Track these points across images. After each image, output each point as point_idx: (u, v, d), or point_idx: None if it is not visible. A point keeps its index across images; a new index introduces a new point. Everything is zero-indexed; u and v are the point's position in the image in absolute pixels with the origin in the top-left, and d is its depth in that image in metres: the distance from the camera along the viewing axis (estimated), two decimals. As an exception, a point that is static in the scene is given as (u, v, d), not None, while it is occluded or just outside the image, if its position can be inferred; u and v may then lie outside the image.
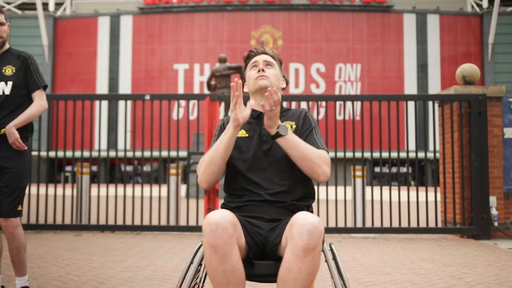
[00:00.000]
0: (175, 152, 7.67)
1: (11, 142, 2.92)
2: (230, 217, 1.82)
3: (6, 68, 3.07)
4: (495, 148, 7.18)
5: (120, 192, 7.31)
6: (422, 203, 7.91)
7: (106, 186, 7.22)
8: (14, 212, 3.00)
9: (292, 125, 2.17)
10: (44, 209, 7.80)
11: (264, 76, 2.20)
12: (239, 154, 2.11)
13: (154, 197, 7.78)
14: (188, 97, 7.26)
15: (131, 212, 7.50)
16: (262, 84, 2.18)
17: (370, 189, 7.26)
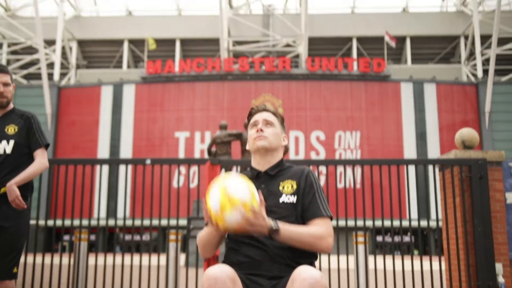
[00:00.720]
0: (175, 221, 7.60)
1: (11, 199, 2.89)
2: (229, 271, 1.78)
3: (9, 127, 3.10)
4: (498, 213, 7.11)
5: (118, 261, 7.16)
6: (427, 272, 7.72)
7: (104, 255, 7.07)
8: (9, 274, 2.93)
9: (293, 184, 2.16)
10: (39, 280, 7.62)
11: (262, 137, 2.21)
12: None
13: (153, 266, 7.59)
14: (189, 161, 7.28)
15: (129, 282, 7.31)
16: (259, 145, 2.19)
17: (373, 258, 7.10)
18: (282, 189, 2.16)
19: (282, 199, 2.12)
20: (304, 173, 2.23)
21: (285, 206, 2.08)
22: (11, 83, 3.15)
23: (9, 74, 3.14)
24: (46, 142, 3.14)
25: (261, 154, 2.18)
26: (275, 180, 2.17)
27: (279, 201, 2.08)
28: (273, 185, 2.17)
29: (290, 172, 2.23)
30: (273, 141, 2.23)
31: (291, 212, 2.10)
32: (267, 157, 2.26)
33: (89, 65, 50.99)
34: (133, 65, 50.02)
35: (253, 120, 2.30)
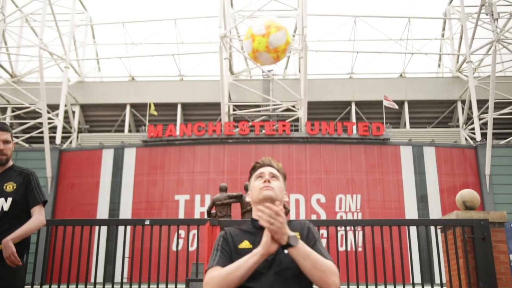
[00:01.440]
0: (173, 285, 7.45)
1: (6, 256, 2.84)
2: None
3: (7, 185, 3.10)
4: (503, 275, 6.98)
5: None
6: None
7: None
8: (2, 334, 2.84)
9: (296, 235, 2.15)
10: None
11: (270, 187, 2.22)
12: None
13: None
14: (188, 222, 7.24)
15: None
16: (267, 194, 2.21)
17: None
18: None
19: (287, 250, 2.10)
20: (306, 225, 2.25)
21: (290, 257, 2.06)
22: (11, 141, 3.18)
23: (10, 132, 3.18)
24: (44, 198, 3.13)
25: None
26: None
27: (284, 252, 2.06)
28: None
29: (292, 225, 2.24)
30: (278, 194, 2.27)
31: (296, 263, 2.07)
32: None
33: (91, 129, 51.57)
34: (134, 129, 50.58)
35: (258, 172, 2.33)
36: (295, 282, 1.99)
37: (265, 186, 2.19)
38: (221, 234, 2.23)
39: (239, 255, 2.08)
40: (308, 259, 1.93)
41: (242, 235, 2.19)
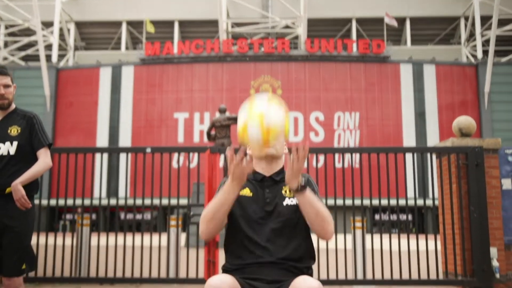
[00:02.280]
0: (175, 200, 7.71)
1: (16, 198, 2.96)
2: (230, 282, 1.87)
3: (11, 129, 3.16)
4: (493, 199, 7.22)
5: (120, 241, 7.29)
6: (423, 252, 7.85)
7: (106, 235, 7.21)
8: (18, 271, 3.02)
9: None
10: (43, 261, 7.76)
11: None
12: (242, 213, 2.16)
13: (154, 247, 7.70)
14: (189, 149, 7.37)
15: (130, 262, 7.45)
16: (269, 152, 2.27)
17: (370, 237, 7.23)
18: (285, 193, 2.25)
19: (286, 202, 2.22)
20: (306, 177, 2.32)
21: (289, 209, 2.17)
22: (12, 84, 3.20)
23: (9, 75, 3.19)
24: (48, 141, 3.20)
25: (267, 160, 2.27)
26: (278, 185, 2.25)
27: (283, 204, 2.17)
28: (277, 190, 2.25)
29: None
30: (280, 149, 2.33)
31: (295, 214, 2.19)
32: (273, 164, 2.36)
33: (87, 46, 50.76)
34: (131, 46, 49.78)
35: None
36: (291, 233, 2.11)
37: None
38: (223, 180, 2.33)
39: (239, 200, 2.19)
40: (314, 206, 2.04)
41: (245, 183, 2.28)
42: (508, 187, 7.38)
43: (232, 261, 2.16)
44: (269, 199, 2.18)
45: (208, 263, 6.83)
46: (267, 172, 2.28)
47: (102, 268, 7.54)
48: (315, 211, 2.08)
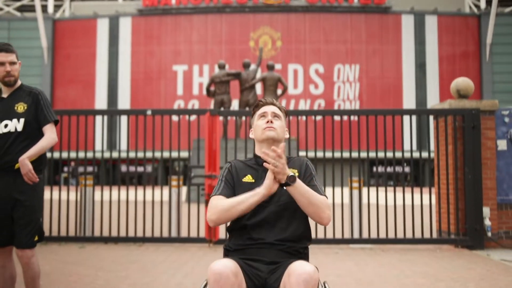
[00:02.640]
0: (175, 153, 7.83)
1: (23, 173, 3.06)
2: (232, 267, 1.99)
3: (18, 106, 3.23)
4: (488, 160, 7.36)
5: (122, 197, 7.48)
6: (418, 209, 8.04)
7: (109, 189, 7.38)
8: (30, 243, 3.16)
9: (295, 172, 2.33)
10: (48, 220, 7.98)
11: (272, 128, 2.35)
12: None
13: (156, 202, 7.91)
14: (189, 112, 7.45)
15: (133, 222, 7.67)
16: (270, 135, 2.34)
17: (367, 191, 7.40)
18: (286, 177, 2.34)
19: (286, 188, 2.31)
20: (304, 162, 2.41)
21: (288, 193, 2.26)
22: (17, 61, 3.25)
23: (14, 52, 3.23)
24: (54, 118, 3.29)
25: (268, 144, 2.35)
26: None
27: (283, 188, 2.26)
28: None
29: (291, 161, 2.40)
30: (280, 133, 2.40)
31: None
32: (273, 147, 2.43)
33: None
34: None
35: (261, 111, 2.44)
36: (291, 216, 2.22)
37: (267, 126, 2.32)
38: (227, 166, 2.41)
39: (241, 187, 2.28)
40: (305, 196, 2.13)
41: (246, 169, 2.36)
42: (503, 148, 7.50)
43: (234, 242, 2.29)
44: None
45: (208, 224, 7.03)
46: None
47: (106, 228, 7.77)
48: (306, 201, 2.18)
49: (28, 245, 3.16)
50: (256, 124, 2.42)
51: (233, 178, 2.36)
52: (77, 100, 41.56)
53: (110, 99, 42.92)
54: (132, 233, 7.45)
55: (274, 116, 2.40)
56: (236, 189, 2.33)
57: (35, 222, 3.21)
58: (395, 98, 41.87)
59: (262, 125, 2.38)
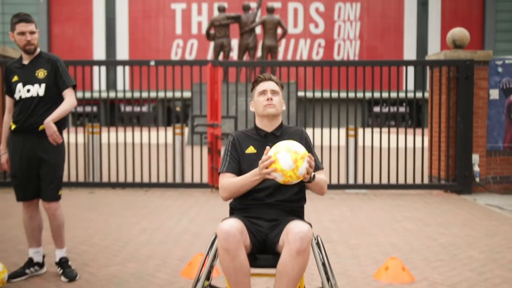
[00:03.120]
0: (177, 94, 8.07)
1: (49, 134, 3.35)
2: (238, 225, 2.32)
3: (39, 72, 3.47)
4: (480, 109, 7.64)
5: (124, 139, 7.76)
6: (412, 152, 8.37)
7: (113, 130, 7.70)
8: (55, 196, 3.50)
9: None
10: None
11: (272, 105, 2.62)
12: (249, 167, 2.56)
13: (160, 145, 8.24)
14: (192, 63, 7.64)
15: (139, 167, 8.03)
16: (270, 112, 2.61)
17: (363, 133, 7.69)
18: None
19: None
20: (303, 134, 2.70)
21: None
22: (36, 30, 3.46)
23: (34, 22, 3.44)
24: (73, 83, 3.54)
25: (269, 118, 2.63)
26: (278, 139, 2.62)
27: None
28: None
29: (290, 132, 2.68)
30: (279, 108, 2.67)
31: None
32: (273, 121, 2.69)
33: None
34: None
35: (261, 88, 2.67)
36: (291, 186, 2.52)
37: (268, 104, 2.57)
38: (230, 140, 2.68)
39: (245, 158, 2.57)
40: (318, 185, 2.48)
41: (248, 140, 2.64)
42: (495, 97, 7.76)
43: (239, 202, 2.60)
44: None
45: (211, 170, 7.40)
46: (269, 128, 2.65)
47: (113, 174, 8.15)
48: (319, 188, 2.53)
49: (54, 198, 3.50)
50: (257, 100, 2.67)
51: (237, 152, 2.64)
52: (75, 39, 41.18)
53: (108, 37, 42.47)
54: (139, 178, 7.83)
55: (273, 93, 2.65)
56: (241, 161, 2.62)
57: (59, 178, 3.54)
58: (396, 36, 41.48)
59: (263, 102, 2.64)
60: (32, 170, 3.48)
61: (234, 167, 2.59)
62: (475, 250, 4.37)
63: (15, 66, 3.56)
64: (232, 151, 2.64)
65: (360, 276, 3.67)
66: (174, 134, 7.87)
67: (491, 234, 4.99)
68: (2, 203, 6.54)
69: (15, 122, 3.48)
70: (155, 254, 4.20)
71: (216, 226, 2.41)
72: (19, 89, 3.47)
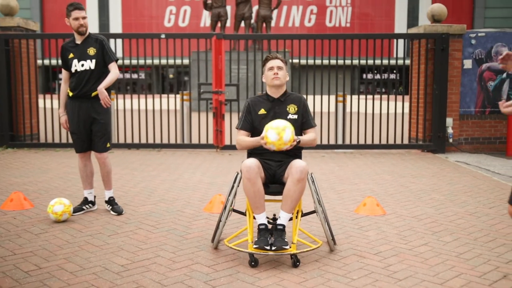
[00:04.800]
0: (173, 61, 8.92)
1: (102, 98, 4.24)
2: (256, 162, 3.28)
3: (89, 50, 4.37)
4: (454, 77, 8.61)
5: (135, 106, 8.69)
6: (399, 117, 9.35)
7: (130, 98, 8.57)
8: (105, 148, 4.46)
9: (295, 107, 3.54)
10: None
11: (277, 78, 3.49)
12: (260, 124, 3.51)
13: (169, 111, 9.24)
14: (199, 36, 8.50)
15: (152, 130, 8.97)
16: (276, 83, 3.50)
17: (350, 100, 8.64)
18: (289, 110, 3.56)
19: (289, 117, 3.52)
20: (302, 100, 3.62)
21: (291, 121, 3.47)
22: (86, 16, 4.34)
23: (84, 9, 4.32)
24: (116, 58, 4.44)
25: (276, 87, 3.55)
26: (283, 103, 3.55)
27: (287, 118, 3.49)
28: (282, 108, 3.55)
29: (291, 98, 3.60)
30: (283, 80, 3.54)
31: (295, 125, 3.49)
32: (279, 89, 3.57)
33: None
34: None
35: (270, 65, 3.54)
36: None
37: (274, 77, 3.48)
38: (246, 104, 3.58)
39: (258, 118, 3.46)
40: (306, 143, 3.41)
41: (260, 103, 3.54)
42: (469, 66, 8.71)
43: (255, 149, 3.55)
44: (278, 114, 3.50)
45: (216, 132, 8.36)
46: (276, 95, 3.57)
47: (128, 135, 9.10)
48: (306, 144, 3.47)
49: (104, 150, 4.46)
50: (267, 74, 3.54)
51: (251, 113, 3.57)
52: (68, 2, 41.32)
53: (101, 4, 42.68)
54: (151, 140, 8.79)
55: (279, 69, 3.58)
56: (253, 120, 3.55)
57: (108, 134, 4.48)
58: (387, 4, 42.04)
59: (271, 76, 3.52)
60: (87, 128, 4.42)
61: (247, 127, 3.54)
62: (437, 194, 5.40)
63: (70, 45, 4.45)
64: (247, 114, 3.58)
65: (344, 211, 4.68)
66: (182, 100, 8.80)
67: (453, 183, 6.03)
68: (37, 161, 7.48)
69: (72, 90, 4.40)
70: (180, 196, 5.20)
71: (225, 177, 3.39)
72: (75, 64, 4.37)
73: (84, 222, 4.24)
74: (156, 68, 8.09)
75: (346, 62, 8.60)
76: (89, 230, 4.00)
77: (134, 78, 29.83)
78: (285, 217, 3.30)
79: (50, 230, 3.97)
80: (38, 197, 5.13)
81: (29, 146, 8.55)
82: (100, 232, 3.94)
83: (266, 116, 3.52)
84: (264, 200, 3.35)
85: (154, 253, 3.45)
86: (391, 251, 3.55)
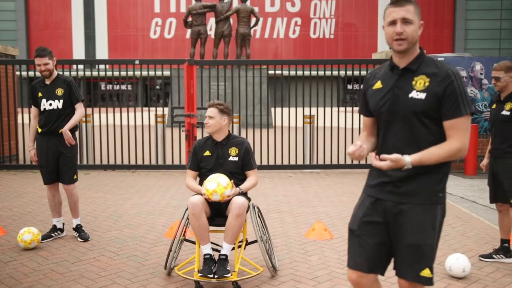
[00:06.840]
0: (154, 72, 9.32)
1: (66, 138, 4.64)
2: (201, 199, 3.66)
3: (57, 90, 4.75)
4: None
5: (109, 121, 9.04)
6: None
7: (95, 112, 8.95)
8: (72, 180, 4.82)
9: (237, 150, 3.91)
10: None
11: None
12: (206, 165, 3.89)
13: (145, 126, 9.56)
14: (170, 62, 8.92)
15: (127, 151, 9.34)
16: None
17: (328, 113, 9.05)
18: (230, 152, 3.94)
19: (230, 159, 3.90)
20: (244, 144, 3.96)
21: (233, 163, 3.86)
22: (51, 59, 4.70)
23: (46, 55, 4.66)
24: (82, 98, 4.83)
25: (218, 134, 3.94)
26: (225, 147, 3.92)
27: (228, 159, 3.88)
28: (225, 150, 3.91)
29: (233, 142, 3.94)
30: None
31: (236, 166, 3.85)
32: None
33: None
34: None
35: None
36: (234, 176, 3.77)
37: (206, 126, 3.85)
38: (194, 146, 3.94)
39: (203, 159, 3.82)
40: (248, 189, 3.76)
41: (205, 146, 3.90)
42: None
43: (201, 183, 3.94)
44: (220, 155, 3.88)
45: (188, 154, 8.75)
46: (218, 139, 3.93)
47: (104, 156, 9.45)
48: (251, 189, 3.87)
49: (71, 181, 4.82)
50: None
51: (197, 155, 3.96)
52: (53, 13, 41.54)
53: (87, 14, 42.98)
54: (126, 161, 9.15)
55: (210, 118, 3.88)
56: (199, 161, 3.93)
57: (75, 166, 4.85)
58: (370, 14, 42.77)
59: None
60: (54, 161, 4.78)
61: (194, 167, 3.93)
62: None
63: (40, 85, 4.82)
64: (194, 155, 3.97)
65: (294, 236, 5.07)
66: (156, 122, 9.18)
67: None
68: (14, 184, 7.81)
69: (41, 127, 4.77)
70: (145, 221, 5.57)
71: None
72: (43, 103, 4.74)
73: (52, 249, 4.59)
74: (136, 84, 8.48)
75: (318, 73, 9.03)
76: (55, 257, 4.36)
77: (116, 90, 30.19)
78: (227, 248, 3.69)
79: (18, 258, 4.32)
80: (11, 223, 5.48)
81: (8, 168, 8.88)
82: (65, 260, 4.29)
83: (211, 157, 3.91)
84: (209, 232, 3.73)
85: (112, 280, 3.82)
86: (327, 275, 3.94)
